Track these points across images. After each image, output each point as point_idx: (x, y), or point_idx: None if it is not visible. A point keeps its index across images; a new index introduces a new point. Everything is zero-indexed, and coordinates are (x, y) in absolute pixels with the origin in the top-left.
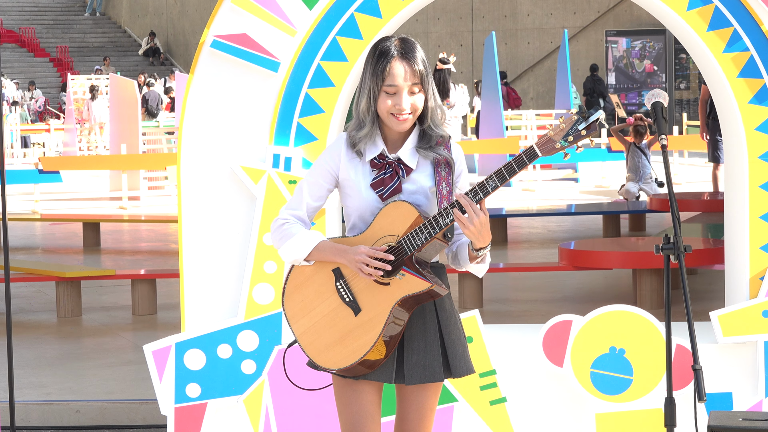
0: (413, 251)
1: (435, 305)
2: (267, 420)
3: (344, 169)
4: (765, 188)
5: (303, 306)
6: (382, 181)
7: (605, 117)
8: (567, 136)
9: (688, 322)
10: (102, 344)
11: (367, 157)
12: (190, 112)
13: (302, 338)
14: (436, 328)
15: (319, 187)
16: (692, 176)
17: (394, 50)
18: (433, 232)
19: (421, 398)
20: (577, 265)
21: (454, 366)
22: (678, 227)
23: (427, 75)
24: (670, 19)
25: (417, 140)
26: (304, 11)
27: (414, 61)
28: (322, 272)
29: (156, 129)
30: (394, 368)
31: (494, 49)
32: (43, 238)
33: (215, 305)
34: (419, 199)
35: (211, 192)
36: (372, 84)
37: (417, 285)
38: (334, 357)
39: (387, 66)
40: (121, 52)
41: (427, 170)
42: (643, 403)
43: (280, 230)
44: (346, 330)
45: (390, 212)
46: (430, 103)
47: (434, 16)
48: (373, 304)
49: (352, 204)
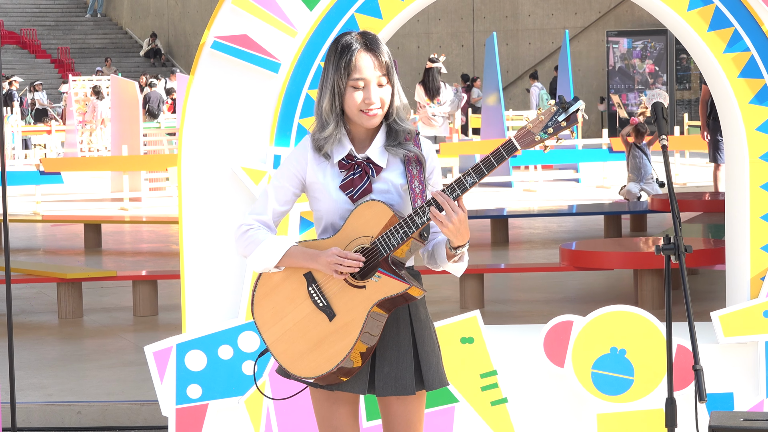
0: (389, 252)
1: (410, 314)
2: (268, 421)
3: (311, 172)
4: (766, 188)
5: (274, 313)
6: (351, 182)
7: (585, 107)
8: (546, 128)
9: (689, 323)
10: (103, 345)
11: (334, 158)
12: (190, 113)
13: (275, 347)
14: (409, 339)
15: (285, 192)
16: (693, 176)
17: (357, 43)
18: (409, 231)
19: (404, 411)
20: (578, 265)
21: (428, 378)
22: (678, 227)
23: (392, 67)
24: (670, 20)
25: (385, 138)
26: (304, 12)
27: (380, 53)
28: (292, 277)
29: (157, 130)
30: (368, 379)
31: (495, 49)
32: (44, 240)
33: (216, 306)
34: (392, 198)
35: (212, 193)
36: (337, 80)
37: (394, 287)
38: (309, 365)
39: (352, 59)
40: (122, 54)
41: (398, 168)
42: (644, 404)
43: (245, 237)
44: (320, 336)
45: (363, 212)
46: (395, 97)
47: (435, 17)
48: (349, 308)
49: (321, 207)
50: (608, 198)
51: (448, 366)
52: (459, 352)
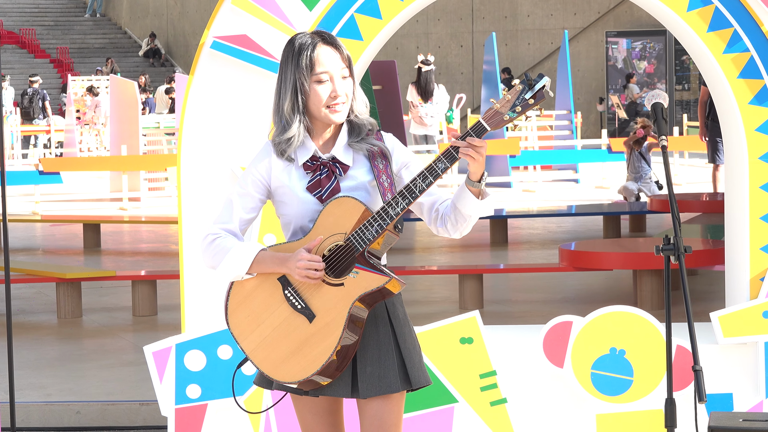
0: (365, 246)
1: (388, 313)
2: (267, 421)
3: (276, 177)
4: (765, 189)
5: (250, 321)
6: (318, 183)
7: (551, 84)
8: (514, 107)
9: (689, 323)
10: (102, 345)
11: (299, 161)
12: (190, 113)
13: (254, 355)
14: (390, 337)
15: (251, 199)
16: (692, 177)
17: (316, 38)
18: (383, 224)
19: (381, 412)
20: (577, 265)
21: (413, 376)
22: (678, 228)
23: (351, 60)
24: (670, 20)
25: (347, 135)
26: (304, 12)
27: (339, 46)
28: (266, 283)
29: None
30: (350, 382)
31: (494, 49)
32: (43, 240)
33: (215, 306)
34: (360, 195)
35: (211, 193)
36: (299, 78)
37: (374, 280)
38: (293, 369)
39: (314, 54)
40: (122, 54)
41: (364, 165)
42: (644, 404)
43: (212, 247)
44: (301, 339)
45: (333, 210)
46: (356, 91)
47: (434, 17)
48: (328, 307)
49: (289, 211)
50: (607, 198)
51: (447, 366)
52: (458, 353)
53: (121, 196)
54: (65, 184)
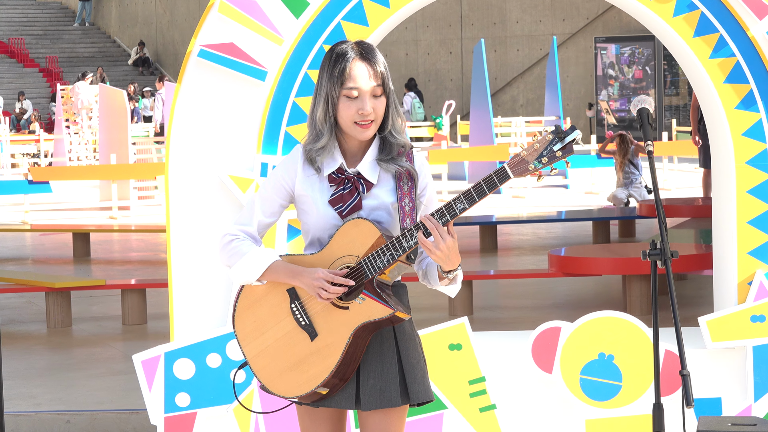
0: (374, 274)
1: (394, 327)
2: (257, 429)
3: (300, 185)
4: (752, 193)
5: (255, 327)
6: (341, 197)
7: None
8: (541, 157)
9: (675, 328)
10: (92, 354)
11: (325, 171)
12: (177, 121)
13: (254, 362)
14: (394, 351)
15: (272, 203)
16: (682, 182)
17: (353, 52)
18: (396, 255)
19: (382, 426)
20: (566, 271)
21: (413, 391)
22: (665, 233)
23: (388, 77)
24: (656, 26)
25: (377, 151)
26: (291, 20)
27: (375, 62)
28: (275, 291)
29: (146, 138)
30: (354, 394)
31: (483, 56)
32: (33, 249)
33: (204, 314)
34: (381, 215)
35: (200, 201)
36: (330, 89)
37: (378, 311)
38: (288, 384)
39: (347, 68)
40: (111, 62)
41: (388, 184)
42: (633, 409)
43: (229, 247)
44: (301, 356)
45: (349, 231)
46: (391, 109)
47: (423, 24)
48: (331, 329)
49: (309, 220)
50: (597, 204)
51: (436, 373)
52: (447, 359)
53: (111, 204)
54: (55, 194)
